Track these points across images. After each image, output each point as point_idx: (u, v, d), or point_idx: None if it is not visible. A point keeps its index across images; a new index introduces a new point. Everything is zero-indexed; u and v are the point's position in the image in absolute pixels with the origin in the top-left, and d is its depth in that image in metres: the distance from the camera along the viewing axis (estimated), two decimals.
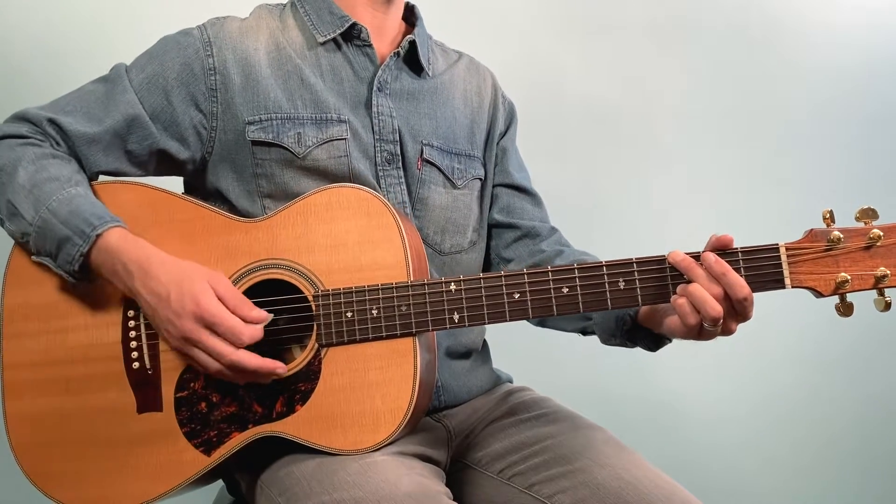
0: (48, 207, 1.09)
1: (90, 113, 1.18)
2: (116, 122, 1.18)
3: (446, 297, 1.08)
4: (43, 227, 1.09)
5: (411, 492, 0.99)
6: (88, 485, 1.12)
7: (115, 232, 1.09)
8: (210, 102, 1.20)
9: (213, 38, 1.21)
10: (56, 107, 1.19)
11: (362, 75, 1.26)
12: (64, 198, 1.09)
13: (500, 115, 1.40)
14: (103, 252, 1.08)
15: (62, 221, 1.08)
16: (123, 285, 1.09)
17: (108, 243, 1.08)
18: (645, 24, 2.20)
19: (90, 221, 1.08)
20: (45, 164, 1.13)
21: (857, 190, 2.21)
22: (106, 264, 1.09)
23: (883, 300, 1.03)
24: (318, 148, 1.19)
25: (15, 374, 1.15)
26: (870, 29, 2.29)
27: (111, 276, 1.09)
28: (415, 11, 1.36)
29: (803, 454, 2.28)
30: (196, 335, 1.04)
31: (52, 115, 1.17)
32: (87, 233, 1.07)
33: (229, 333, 1.04)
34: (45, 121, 1.16)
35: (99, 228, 1.08)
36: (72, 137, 1.17)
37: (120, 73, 1.21)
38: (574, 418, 1.23)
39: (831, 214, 1.04)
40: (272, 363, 1.06)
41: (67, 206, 1.09)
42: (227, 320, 1.04)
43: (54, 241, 1.09)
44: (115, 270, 1.08)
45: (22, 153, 1.13)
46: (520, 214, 1.40)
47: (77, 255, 1.08)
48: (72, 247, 1.08)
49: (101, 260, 1.09)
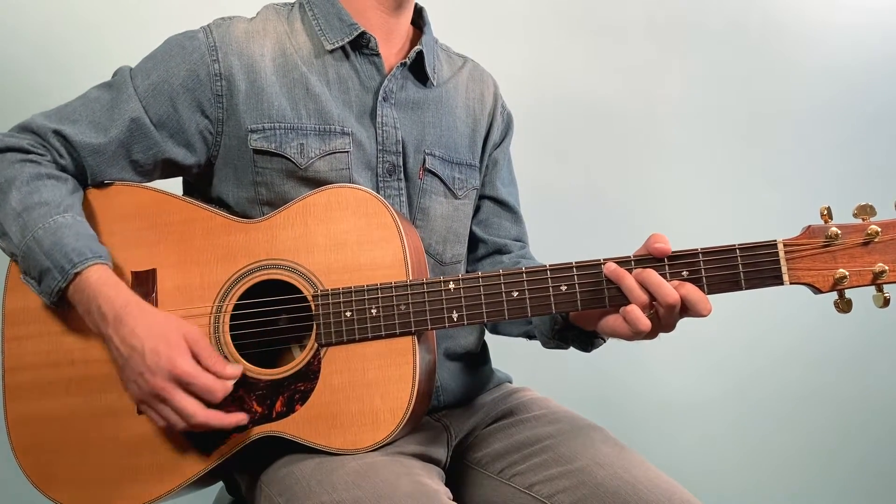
0: (34, 235, 1.08)
1: (95, 122, 1.17)
2: (121, 132, 1.17)
3: (445, 296, 1.08)
4: (28, 253, 1.08)
5: (411, 492, 0.99)
6: (89, 486, 1.12)
7: (94, 270, 1.07)
8: (216, 108, 1.19)
9: (219, 43, 1.19)
10: (61, 115, 1.17)
11: (368, 85, 1.24)
12: (49, 227, 1.08)
13: (497, 125, 1.39)
14: (79, 291, 1.07)
15: (45, 252, 1.07)
16: (95, 327, 1.08)
17: (88, 282, 1.06)
18: (645, 24, 2.20)
19: (70, 258, 1.06)
20: (39, 185, 1.11)
21: (855, 187, 2.21)
22: (81, 303, 1.08)
23: (881, 296, 1.03)
24: (321, 160, 1.19)
25: (16, 376, 1.15)
26: (870, 29, 2.29)
27: (84, 315, 1.08)
28: (423, 15, 1.34)
29: (803, 453, 2.28)
30: (167, 393, 1.03)
31: (58, 126, 1.15)
32: (66, 269, 1.06)
33: (204, 392, 1.03)
34: (49, 132, 1.15)
35: (78, 266, 1.06)
36: (77, 148, 1.15)
37: (125, 79, 1.19)
38: (574, 418, 1.23)
39: (829, 211, 1.04)
40: (236, 417, 1.07)
41: (52, 236, 1.07)
42: (202, 378, 1.03)
43: (37, 269, 1.08)
44: (88, 310, 1.07)
45: (19, 171, 1.12)
46: (496, 231, 1.40)
47: (55, 289, 1.07)
48: (51, 280, 1.07)
49: (77, 298, 1.08)
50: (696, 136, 2.21)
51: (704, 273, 1.04)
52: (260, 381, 1.10)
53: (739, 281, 1.04)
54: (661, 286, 1.02)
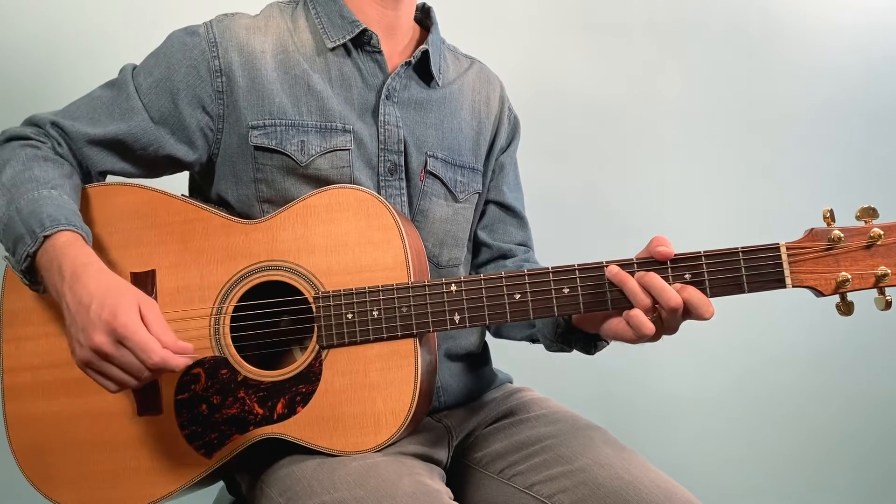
0: (17, 206, 1.07)
1: (94, 118, 1.18)
2: (119, 128, 1.17)
3: (447, 297, 1.08)
4: (8, 223, 1.07)
5: (413, 491, 0.99)
6: (89, 487, 1.12)
7: (63, 235, 1.04)
8: (217, 104, 1.19)
9: (220, 38, 1.20)
10: (64, 112, 1.20)
11: (371, 82, 1.24)
12: (33, 198, 1.07)
13: (503, 129, 1.39)
14: (47, 252, 1.03)
15: (22, 220, 1.05)
16: (54, 288, 1.03)
17: (54, 244, 1.03)
18: (645, 24, 2.20)
19: (43, 223, 1.04)
20: (33, 164, 1.12)
21: (858, 189, 2.22)
22: (45, 266, 1.04)
23: (883, 299, 1.03)
24: (321, 157, 1.18)
25: (15, 377, 1.15)
26: (870, 29, 2.29)
27: (47, 279, 1.05)
28: (431, 15, 1.34)
29: (804, 453, 2.28)
30: (107, 348, 0.97)
31: (56, 119, 1.18)
32: (36, 233, 1.04)
33: (138, 348, 0.96)
34: (48, 123, 1.17)
35: (49, 230, 1.03)
36: (72, 137, 1.17)
37: (127, 77, 1.20)
38: (574, 418, 1.23)
39: (832, 214, 1.04)
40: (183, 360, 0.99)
41: (32, 205, 1.06)
42: (140, 335, 0.96)
43: (12, 238, 1.07)
44: (50, 270, 1.03)
45: (17, 153, 1.14)
46: (501, 236, 1.40)
47: (24, 255, 1.05)
48: (22, 246, 1.05)
49: (43, 261, 1.04)
50: (697, 137, 2.21)
51: (707, 276, 1.04)
52: (261, 383, 1.10)
53: (742, 284, 1.04)
54: (664, 290, 1.02)
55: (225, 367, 1.11)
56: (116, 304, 0.97)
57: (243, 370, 1.11)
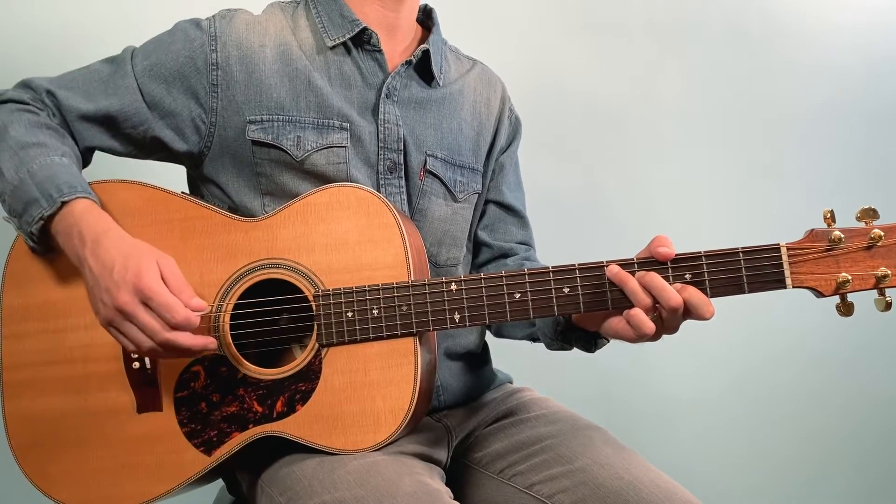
0: (28, 169, 1.10)
1: (88, 92, 1.19)
2: (112, 104, 1.19)
3: (447, 296, 1.08)
4: (19, 186, 1.09)
5: (413, 491, 0.99)
6: (89, 485, 1.12)
7: (82, 202, 1.09)
8: (211, 98, 1.19)
9: (219, 33, 1.20)
10: (60, 80, 1.21)
11: (371, 81, 1.24)
12: (45, 163, 1.10)
13: (504, 129, 1.39)
14: (65, 218, 1.08)
15: (36, 184, 1.09)
16: (74, 253, 1.08)
17: (73, 211, 1.08)
18: (645, 24, 2.20)
19: (60, 188, 1.08)
20: (38, 131, 1.14)
21: (858, 189, 2.22)
22: (64, 231, 1.08)
23: (883, 300, 1.03)
24: (317, 153, 1.19)
25: (14, 374, 1.15)
26: (870, 29, 2.29)
27: (65, 244, 1.08)
28: (432, 16, 1.34)
29: (804, 454, 2.28)
30: (131, 308, 1.01)
31: (52, 88, 1.19)
32: (54, 197, 1.08)
33: (163, 308, 1.01)
34: (44, 91, 1.19)
35: (67, 196, 1.08)
36: (65, 111, 1.18)
37: (126, 56, 1.22)
38: (574, 418, 1.23)
39: (832, 214, 1.04)
40: (204, 340, 1.04)
41: (47, 170, 1.10)
42: (164, 296, 1.01)
43: (23, 201, 1.09)
44: (69, 235, 1.07)
45: (18, 117, 1.15)
46: (502, 235, 1.40)
47: (37, 217, 1.08)
48: (36, 209, 1.08)
49: (61, 227, 1.08)
50: (698, 137, 2.21)
51: (707, 276, 1.04)
52: (261, 381, 1.10)
53: (742, 284, 1.04)
54: (665, 289, 1.02)
55: (224, 365, 1.11)
56: (140, 266, 1.02)
57: (243, 368, 1.11)
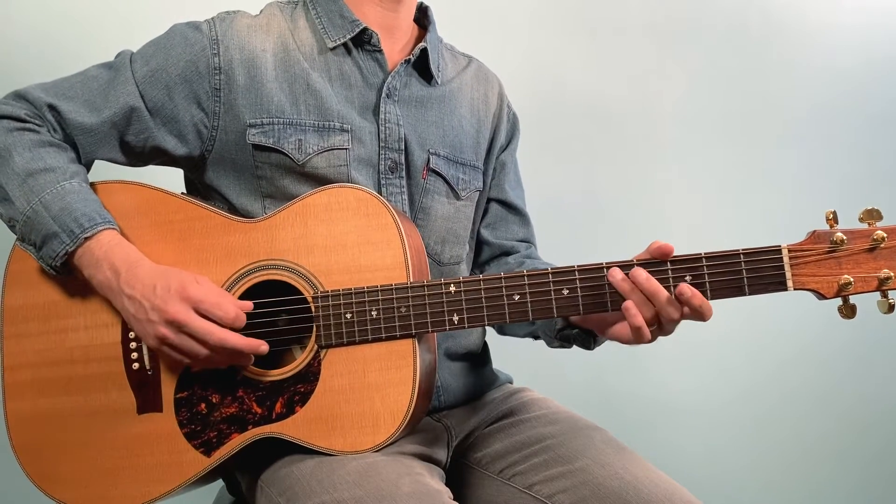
0: (41, 200, 1.09)
1: (90, 101, 1.17)
2: (115, 113, 1.17)
3: (446, 298, 1.08)
4: (32, 217, 1.09)
5: (413, 491, 0.99)
6: (89, 485, 1.12)
7: (105, 234, 1.09)
8: (213, 102, 1.19)
9: (221, 37, 1.19)
10: (58, 90, 1.18)
11: (371, 81, 1.24)
12: (57, 192, 1.09)
13: (503, 126, 1.39)
14: (90, 252, 1.08)
15: (53, 217, 1.08)
16: (105, 284, 1.09)
17: (99, 244, 1.08)
18: (645, 24, 2.19)
19: (80, 222, 1.08)
20: (42, 152, 1.13)
21: (861, 190, 2.21)
22: (90, 264, 1.09)
23: (886, 302, 1.02)
24: (318, 156, 1.18)
25: (15, 374, 1.15)
26: (870, 29, 2.28)
27: (91, 276, 1.09)
28: (428, 14, 1.34)
29: (805, 455, 2.28)
30: (184, 316, 1.03)
31: (53, 101, 1.16)
32: (76, 233, 1.08)
33: (216, 307, 1.04)
34: (45, 106, 1.16)
35: (89, 231, 1.08)
36: (69, 126, 1.16)
37: (124, 61, 1.20)
38: (574, 418, 1.23)
39: (835, 215, 1.03)
40: (255, 341, 1.07)
41: (60, 201, 1.09)
42: (213, 296, 1.05)
43: (41, 234, 1.09)
44: (97, 268, 1.08)
45: (19, 138, 1.13)
46: (504, 234, 1.40)
47: (62, 252, 1.08)
48: (58, 244, 1.08)
49: (86, 261, 1.09)
50: (697, 137, 2.21)
51: (708, 278, 1.04)
52: (260, 382, 1.10)
53: (743, 287, 1.04)
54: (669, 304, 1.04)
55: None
56: (181, 279, 1.06)
57: (242, 369, 1.10)
